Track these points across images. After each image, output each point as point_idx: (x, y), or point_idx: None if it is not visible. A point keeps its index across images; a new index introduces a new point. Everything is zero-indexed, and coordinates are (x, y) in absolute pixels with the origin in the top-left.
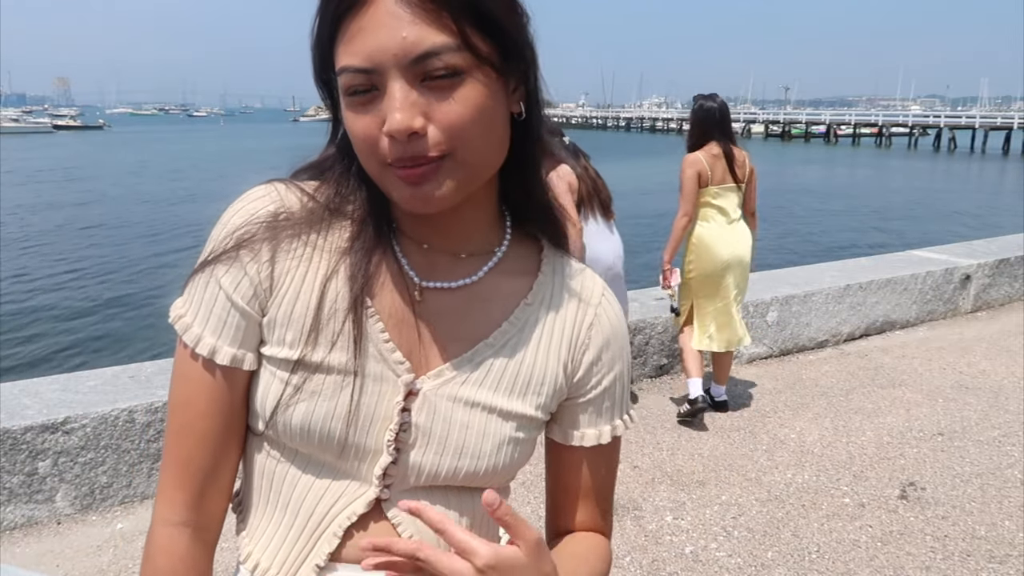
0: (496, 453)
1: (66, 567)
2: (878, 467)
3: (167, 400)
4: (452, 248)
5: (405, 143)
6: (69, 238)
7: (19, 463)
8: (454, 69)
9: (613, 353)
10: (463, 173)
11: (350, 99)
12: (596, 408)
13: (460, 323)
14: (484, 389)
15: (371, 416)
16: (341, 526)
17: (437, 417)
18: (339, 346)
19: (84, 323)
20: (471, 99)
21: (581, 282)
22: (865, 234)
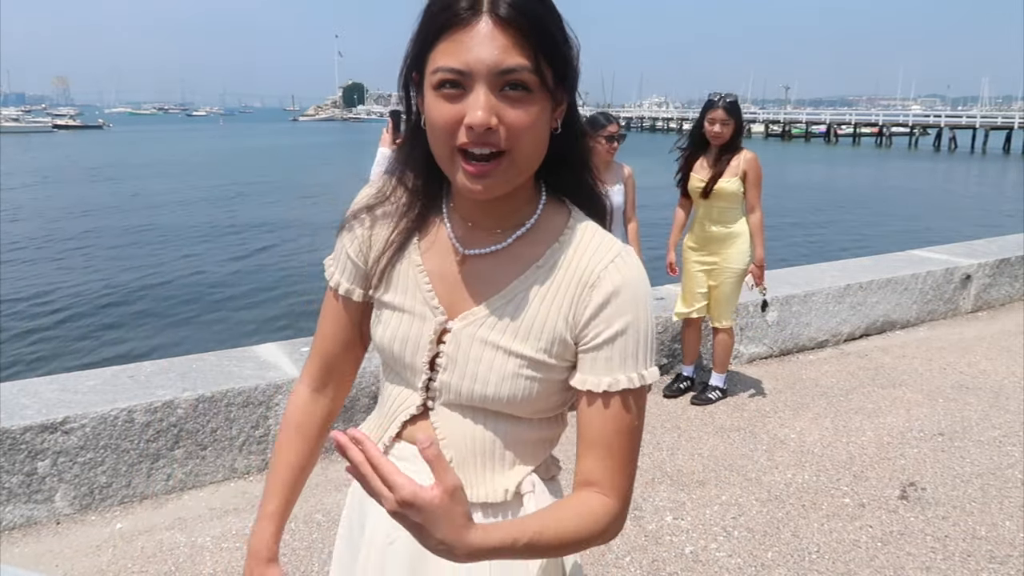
0: (504, 383)
1: (65, 567)
2: (878, 467)
3: (168, 400)
4: (491, 225)
5: (480, 134)
6: (69, 237)
7: (18, 463)
8: (525, 86)
9: (615, 310)
10: (513, 171)
11: (438, 91)
12: (596, 358)
13: (488, 280)
14: (495, 331)
15: (417, 343)
16: (401, 420)
17: (461, 349)
18: (399, 290)
19: (84, 323)
20: (532, 112)
21: (595, 249)
22: (865, 234)
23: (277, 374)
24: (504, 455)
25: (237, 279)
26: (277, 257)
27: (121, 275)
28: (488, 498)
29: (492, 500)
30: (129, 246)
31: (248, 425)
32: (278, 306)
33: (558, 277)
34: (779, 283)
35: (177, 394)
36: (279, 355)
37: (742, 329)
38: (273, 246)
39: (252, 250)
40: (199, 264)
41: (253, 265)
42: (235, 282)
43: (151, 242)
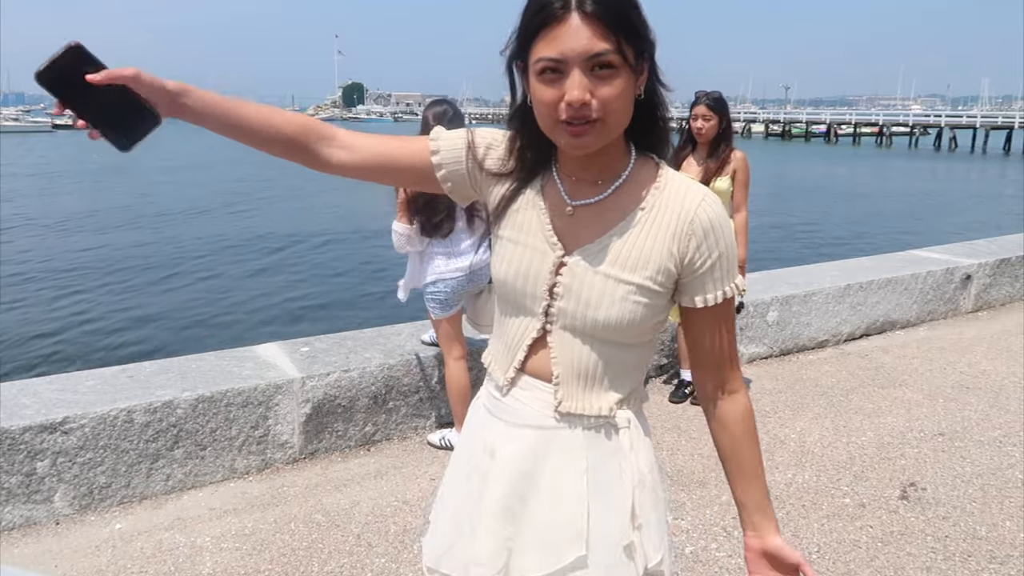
0: (614, 306)
1: (64, 567)
2: (878, 467)
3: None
4: (592, 178)
5: (577, 108)
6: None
7: (17, 463)
8: (611, 65)
9: (712, 240)
10: (605, 132)
11: (541, 77)
12: (708, 279)
13: (596, 223)
14: (606, 264)
15: (538, 275)
16: (526, 343)
17: (575, 279)
18: (524, 230)
19: (84, 323)
20: (618, 86)
21: (686, 191)
22: (865, 234)
23: (277, 374)
24: (605, 376)
25: (237, 279)
26: (277, 257)
27: (121, 275)
28: (586, 411)
29: (589, 413)
30: (129, 246)
31: (248, 425)
32: (278, 306)
33: (659, 216)
34: (779, 283)
35: (177, 394)
36: (279, 355)
37: (742, 329)
38: (273, 246)
39: (252, 250)
40: (199, 264)
41: (253, 265)
42: (235, 282)
43: (151, 242)
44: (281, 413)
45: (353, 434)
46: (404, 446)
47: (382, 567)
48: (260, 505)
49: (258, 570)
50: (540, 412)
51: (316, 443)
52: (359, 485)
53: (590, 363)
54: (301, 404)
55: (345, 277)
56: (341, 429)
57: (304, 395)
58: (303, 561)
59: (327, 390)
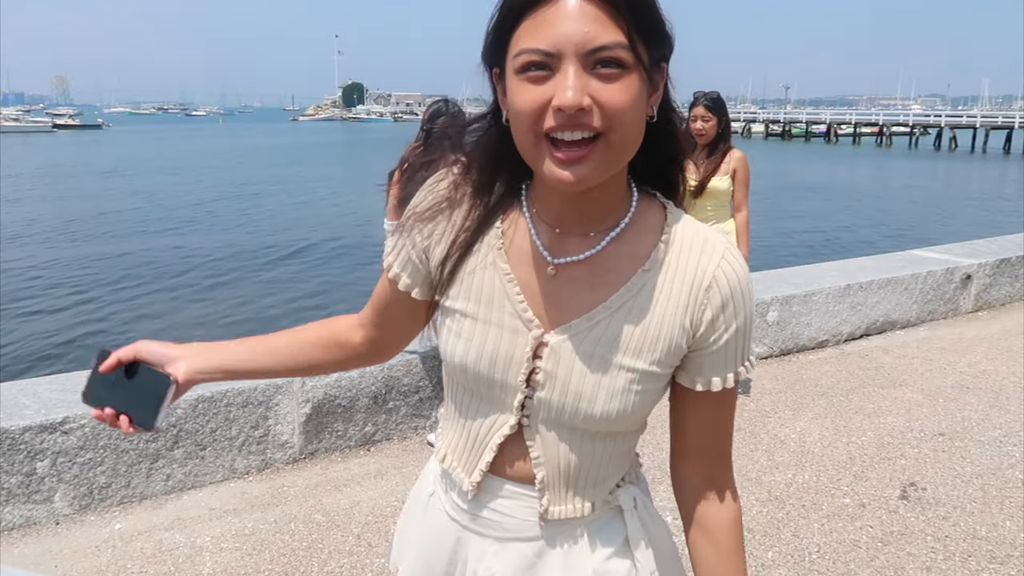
0: (612, 399)
1: (64, 567)
2: (879, 467)
3: None
4: (581, 228)
5: (570, 116)
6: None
7: (17, 463)
8: (620, 63)
9: (732, 310)
10: (610, 155)
11: (523, 75)
12: (719, 359)
13: (585, 289)
14: (602, 345)
15: (509, 359)
16: (496, 443)
17: (561, 365)
18: (484, 301)
19: (84, 323)
20: (629, 90)
21: (702, 246)
22: (865, 234)
23: None
24: (597, 472)
25: (238, 279)
26: (277, 256)
27: (121, 275)
28: (580, 512)
29: (584, 513)
30: (129, 246)
31: (247, 425)
32: (278, 306)
33: (669, 280)
34: (779, 283)
35: None
36: None
37: None
38: (273, 246)
39: (252, 250)
40: (199, 263)
41: (253, 264)
42: (235, 282)
43: (151, 242)
44: (281, 413)
45: (353, 434)
46: (404, 446)
47: (382, 567)
48: (260, 505)
49: (258, 570)
50: (523, 522)
51: (316, 443)
52: (359, 485)
53: (581, 461)
54: (301, 404)
55: (345, 277)
56: (341, 429)
57: (304, 395)
58: (303, 561)
59: (327, 390)
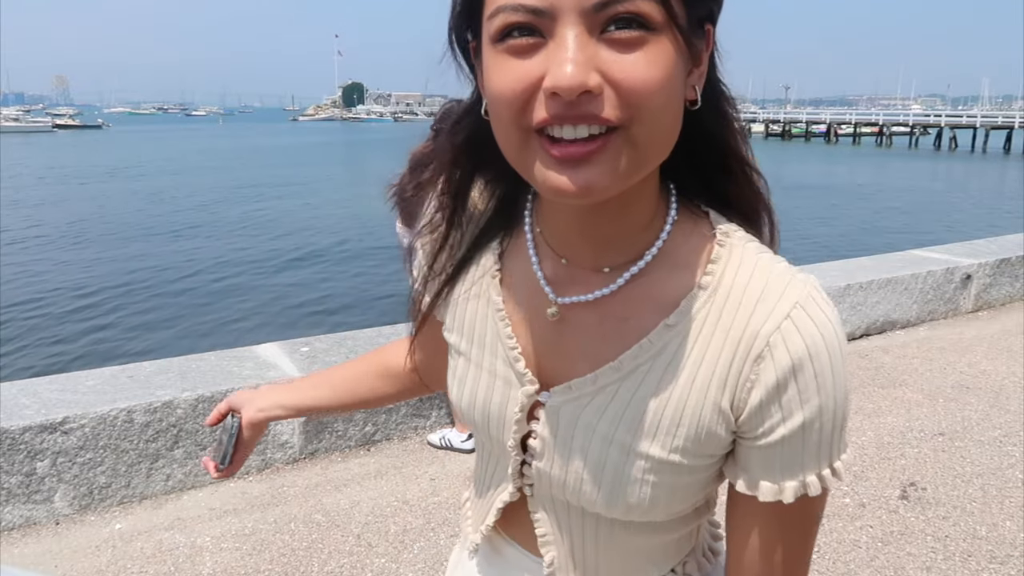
0: (620, 489)
1: (64, 567)
2: (878, 467)
3: (168, 400)
4: (593, 263)
5: (570, 102)
6: (70, 237)
7: (17, 463)
8: (644, 21)
9: (795, 395)
10: (633, 155)
11: (501, 45)
12: (773, 457)
13: (594, 339)
14: (606, 419)
15: (502, 416)
16: (497, 507)
17: (560, 435)
18: (476, 339)
19: (84, 323)
20: (659, 61)
21: (759, 295)
22: (865, 234)
23: (277, 374)
24: (624, 565)
25: (238, 279)
26: (277, 256)
27: (121, 275)
28: None
29: None
30: (129, 246)
31: None
32: (278, 306)
33: (703, 340)
34: None
35: (177, 394)
36: (279, 355)
37: None
38: (273, 245)
39: (252, 250)
40: (199, 264)
41: (253, 265)
42: (235, 282)
43: (151, 242)
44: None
45: (353, 434)
46: (404, 446)
47: (382, 567)
48: (260, 505)
49: (258, 570)
50: None
51: (316, 443)
52: (359, 485)
53: (599, 550)
54: None
55: (345, 277)
56: (341, 429)
57: None
58: (303, 561)
59: None
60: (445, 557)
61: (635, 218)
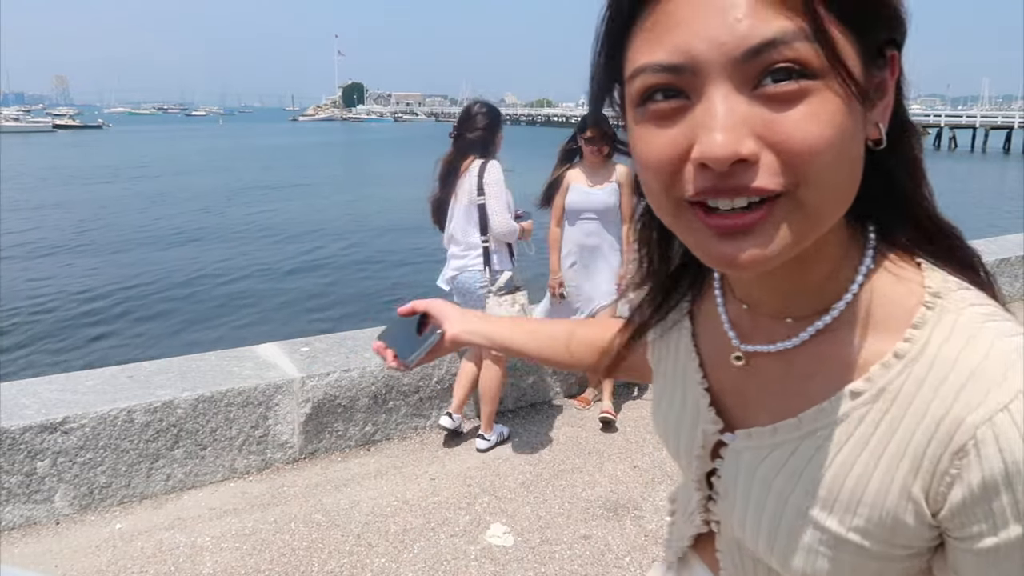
0: (792, 553)
1: (64, 567)
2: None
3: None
4: (774, 312)
5: (722, 175)
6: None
7: (17, 463)
8: (804, 68)
9: (1014, 504)
10: (802, 220)
11: (643, 109)
12: (986, 566)
13: (775, 391)
14: (782, 475)
15: (689, 447)
16: (689, 534)
17: (740, 483)
18: (672, 369)
19: (84, 323)
20: (824, 114)
21: (969, 376)
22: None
23: (277, 374)
24: None
25: (238, 279)
26: (277, 257)
27: (121, 275)
28: None
29: None
30: (129, 246)
31: (248, 425)
32: (278, 306)
33: (893, 417)
34: None
35: (177, 394)
36: (279, 355)
37: None
38: (273, 246)
39: (252, 250)
40: (199, 264)
41: (253, 265)
42: (236, 282)
43: (151, 242)
44: (281, 413)
45: (353, 434)
46: (404, 446)
47: (382, 567)
48: (260, 505)
49: (258, 570)
50: None
51: (316, 443)
52: (359, 485)
53: None
54: (301, 404)
55: (345, 277)
56: (341, 429)
57: (304, 395)
58: (303, 561)
59: (327, 390)
60: (445, 557)
61: (818, 268)
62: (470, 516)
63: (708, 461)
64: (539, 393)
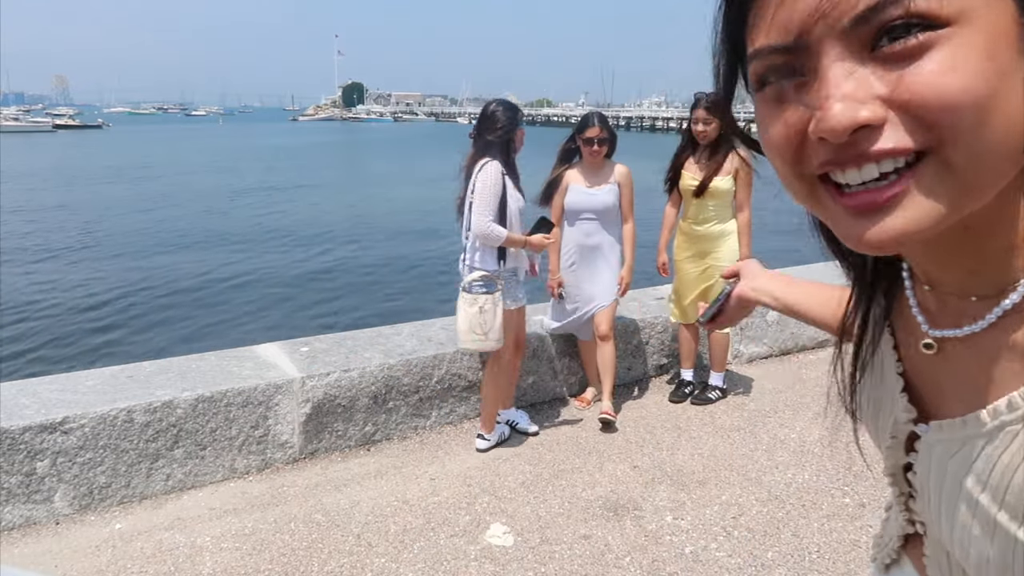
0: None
1: (64, 567)
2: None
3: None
4: (957, 290)
5: (846, 145)
6: (70, 237)
7: (17, 463)
8: (926, 20)
9: None
10: (953, 185)
11: (763, 92)
12: None
13: (966, 379)
14: (971, 475)
15: (884, 439)
16: (898, 535)
17: (932, 477)
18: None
19: (84, 323)
20: (963, 61)
21: None
22: None
23: (277, 374)
24: None
25: (238, 279)
26: (277, 257)
27: (121, 275)
28: None
29: None
30: (129, 246)
31: (248, 425)
32: (278, 306)
33: None
34: None
35: (177, 394)
36: (279, 355)
37: (742, 329)
38: (273, 246)
39: (252, 250)
40: (199, 264)
41: (253, 265)
42: (236, 282)
43: (151, 242)
44: (281, 413)
45: (353, 434)
46: (404, 446)
47: (382, 567)
48: (260, 505)
49: (258, 570)
50: None
51: (316, 443)
52: (359, 485)
53: None
54: (301, 404)
55: (345, 277)
56: (341, 429)
57: (304, 395)
58: (303, 561)
59: (327, 390)
60: (445, 557)
61: (996, 239)
62: (470, 516)
63: (902, 454)
64: (539, 393)
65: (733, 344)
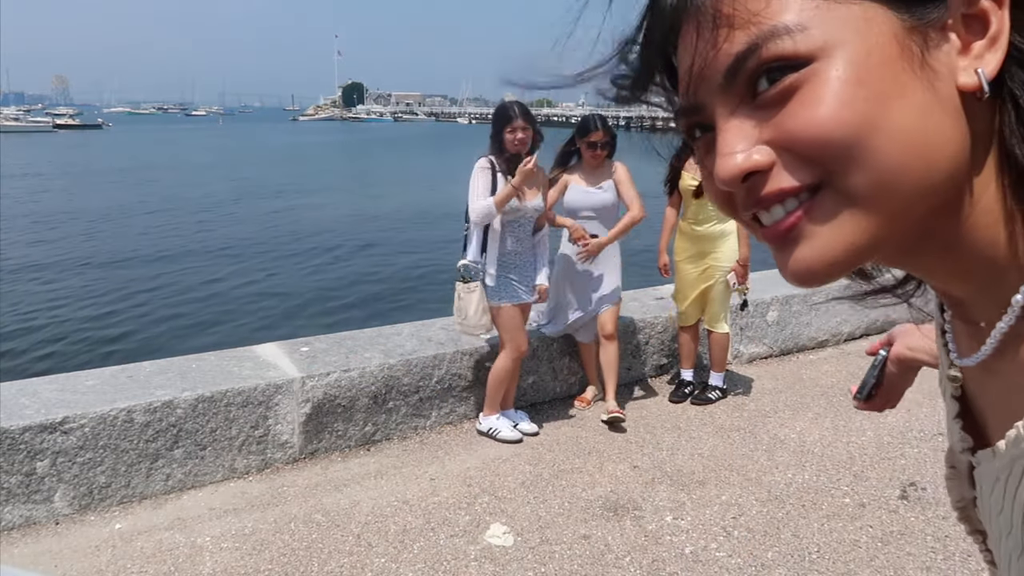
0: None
1: (64, 567)
2: (878, 467)
3: (168, 400)
4: (966, 315)
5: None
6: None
7: (17, 463)
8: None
9: None
10: (860, 212)
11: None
12: None
13: (996, 407)
14: (1004, 514)
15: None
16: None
17: (984, 511)
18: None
19: (84, 323)
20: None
21: None
22: None
23: (277, 374)
24: None
25: (238, 279)
26: (276, 257)
27: (121, 275)
28: None
29: None
30: (129, 246)
31: (247, 425)
32: (278, 306)
33: None
34: (779, 283)
35: (176, 394)
36: (279, 355)
37: (742, 329)
38: (272, 246)
39: (251, 250)
40: (199, 264)
41: (252, 265)
42: (235, 282)
43: (151, 242)
44: (281, 413)
45: (353, 434)
46: (404, 446)
47: (382, 567)
48: (260, 505)
49: (258, 570)
50: None
51: (316, 443)
52: (359, 485)
53: None
54: (301, 404)
55: (345, 277)
56: (341, 429)
57: (304, 395)
58: (303, 561)
59: (327, 390)
60: (445, 557)
61: (972, 255)
62: (470, 516)
63: (967, 486)
64: (539, 393)
65: (733, 344)
